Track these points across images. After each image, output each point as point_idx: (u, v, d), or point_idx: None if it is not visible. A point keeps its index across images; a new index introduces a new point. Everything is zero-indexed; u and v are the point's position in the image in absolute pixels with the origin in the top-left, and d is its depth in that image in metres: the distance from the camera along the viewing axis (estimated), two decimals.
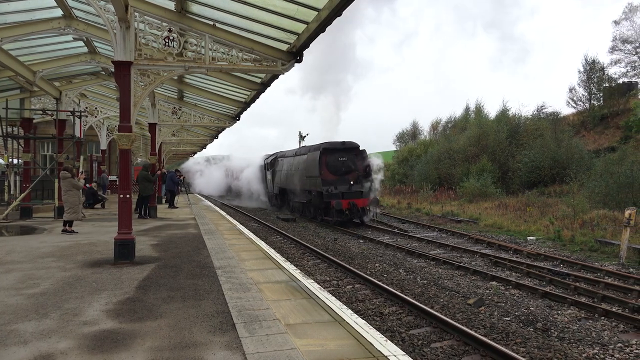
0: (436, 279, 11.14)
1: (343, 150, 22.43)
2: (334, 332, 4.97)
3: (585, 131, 36.24)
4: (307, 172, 23.10)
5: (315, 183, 22.07)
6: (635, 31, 38.10)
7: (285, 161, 28.47)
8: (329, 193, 21.00)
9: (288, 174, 27.15)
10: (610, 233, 15.72)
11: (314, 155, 22.49)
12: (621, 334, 7.47)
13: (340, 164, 22.16)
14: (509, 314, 8.53)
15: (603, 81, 38.81)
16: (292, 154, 27.63)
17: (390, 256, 14.11)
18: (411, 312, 8.43)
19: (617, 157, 24.19)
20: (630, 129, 31.00)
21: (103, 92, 19.84)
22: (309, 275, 10.61)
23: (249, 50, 9.43)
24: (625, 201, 19.43)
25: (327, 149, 22.25)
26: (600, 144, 32.55)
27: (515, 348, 6.77)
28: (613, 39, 40.04)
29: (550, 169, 29.29)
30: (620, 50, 39.33)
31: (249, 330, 4.89)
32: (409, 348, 6.78)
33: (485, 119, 38.98)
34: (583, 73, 39.14)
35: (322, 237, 18.35)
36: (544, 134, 32.21)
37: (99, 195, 21.07)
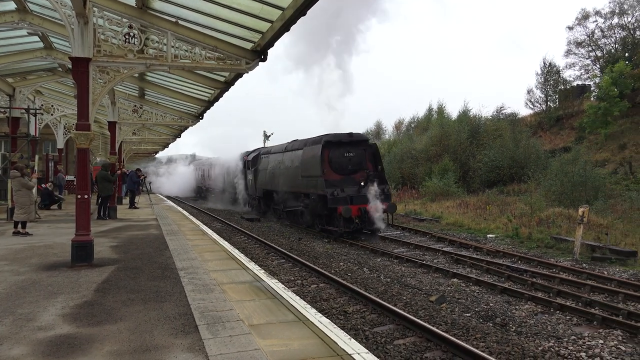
0: (399, 277, 11.29)
1: (350, 144, 18.08)
2: (298, 331, 4.98)
3: (542, 132, 37.47)
4: (304, 170, 18.82)
5: (315, 184, 17.66)
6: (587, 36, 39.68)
7: (272, 158, 23.86)
8: (335, 197, 16.56)
9: (275, 174, 22.79)
10: (565, 230, 16.32)
11: (314, 150, 18.11)
12: (575, 327, 7.77)
13: (346, 161, 17.91)
14: (470, 310, 8.73)
15: (559, 84, 40.23)
16: (280, 150, 23.09)
17: (354, 255, 14.22)
18: (375, 310, 8.52)
19: (571, 157, 25.13)
20: (584, 130, 32.26)
21: (60, 89, 19.18)
22: (273, 275, 10.58)
23: (212, 49, 9.31)
24: (579, 199, 20.21)
25: (330, 142, 17.80)
26: (556, 144, 33.73)
27: (475, 343, 6.94)
28: (568, 43, 41.59)
29: (509, 169, 30.13)
30: (574, 54, 40.91)
31: (212, 331, 4.84)
32: (373, 346, 6.85)
33: (447, 120, 39.76)
34: (541, 75, 40.48)
35: (287, 237, 18.32)
36: (503, 135, 33.11)
37: (55, 195, 20.37)
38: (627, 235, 15.23)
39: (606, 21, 38.36)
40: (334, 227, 17.13)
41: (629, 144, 28.43)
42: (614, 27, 38.09)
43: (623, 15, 37.36)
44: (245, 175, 28.64)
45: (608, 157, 28.45)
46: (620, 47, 37.79)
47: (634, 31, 36.81)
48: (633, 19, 37.00)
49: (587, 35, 39.71)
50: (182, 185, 46.59)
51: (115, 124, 17.76)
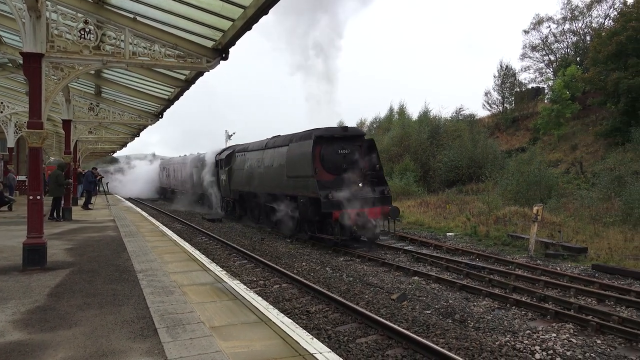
0: (362, 276, 11.39)
1: (344, 140, 15.94)
2: (260, 332, 4.95)
3: (499, 132, 38.58)
4: (290, 170, 16.56)
5: (304, 186, 15.45)
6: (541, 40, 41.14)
7: (249, 157, 21.34)
8: (330, 200, 14.42)
9: (253, 174, 20.30)
10: (521, 228, 16.85)
11: (303, 147, 15.90)
12: (529, 322, 8.03)
13: (340, 159, 15.73)
14: (430, 307, 8.90)
15: (515, 86, 41.54)
16: (259, 147, 20.47)
17: (317, 255, 14.25)
18: (337, 309, 8.56)
19: (526, 157, 25.98)
20: (538, 131, 33.42)
21: (10, 85, 18.39)
22: (235, 276, 10.47)
23: (172, 46, 9.13)
24: (534, 198, 20.91)
25: (322, 138, 15.61)
26: (512, 145, 34.79)
27: (435, 339, 7.07)
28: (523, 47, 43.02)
29: (467, 168, 30.87)
30: (529, 57, 42.34)
31: (172, 334, 4.74)
32: (335, 345, 6.88)
33: (408, 120, 40.40)
34: (498, 78, 41.69)
35: (249, 237, 18.17)
36: (462, 135, 33.91)
37: (5, 196, 19.51)
38: (578, 232, 15.87)
39: (559, 26, 39.91)
40: (327, 235, 15.02)
41: (580, 144, 29.63)
42: (566, 32, 39.68)
43: (574, 21, 38.94)
44: (218, 176, 25.88)
45: (561, 157, 29.57)
46: (572, 51, 39.36)
47: (584, 36, 38.42)
48: (583, 25, 38.63)
49: (541, 40, 41.21)
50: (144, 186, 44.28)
51: (70, 122, 17.16)
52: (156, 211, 29.67)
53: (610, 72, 26.06)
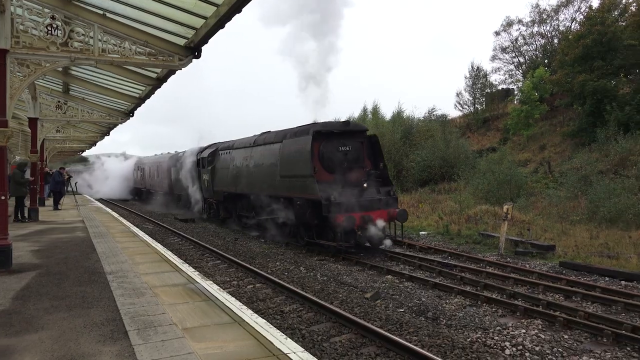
0: (335, 275, 11.42)
1: (345, 135, 14.56)
2: (234, 333, 4.91)
3: (470, 133, 39.23)
4: (284, 169, 15.07)
5: (302, 186, 13.99)
6: (511, 42, 42.00)
7: (235, 155, 19.57)
8: (332, 202, 12.96)
9: (241, 173, 18.54)
10: (491, 226, 17.17)
11: (300, 144, 14.41)
12: (500, 318, 8.19)
13: (341, 157, 14.32)
14: (403, 305, 8.98)
15: (485, 87, 42.30)
16: (247, 144, 18.69)
17: (290, 254, 14.22)
18: (311, 309, 8.57)
19: (497, 157, 26.49)
20: (508, 132, 34.11)
21: None
22: (208, 277, 10.37)
23: (143, 44, 8.98)
24: (504, 197, 21.34)
25: (321, 133, 14.17)
26: (483, 145, 35.42)
27: (409, 337, 7.14)
28: (494, 49, 43.86)
29: (440, 168, 31.28)
30: (499, 59, 43.17)
31: (143, 337, 4.66)
32: (309, 344, 6.88)
33: (382, 120, 40.69)
34: (469, 79, 42.38)
35: (222, 238, 18.02)
36: (435, 135, 34.33)
37: None
38: (546, 230, 16.26)
39: (528, 29, 40.79)
40: (328, 242, 13.59)
41: (548, 145, 30.36)
42: (535, 35, 40.59)
43: (542, 24, 39.88)
44: (200, 176, 23.78)
45: (529, 157, 30.23)
46: (541, 54, 40.29)
47: (552, 39, 39.38)
48: (551, 28, 39.60)
49: (511, 42, 42.05)
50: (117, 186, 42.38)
51: (37, 120, 16.71)
52: (127, 212, 29.13)
53: (577, 74, 26.77)
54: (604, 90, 25.09)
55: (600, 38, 25.90)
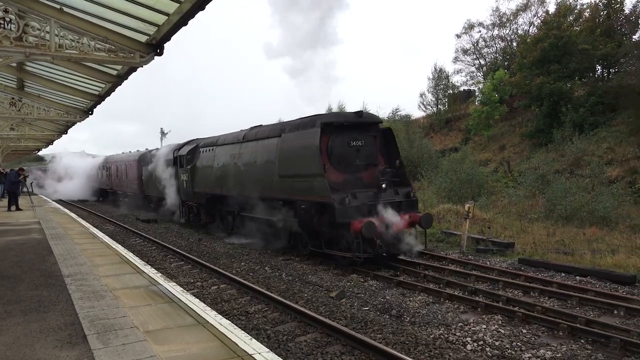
0: (301, 275, 11.42)
1: (357, 128, 12.71)
2: (198, 335, 4.84)
3: (433, 133, 39.94)
4: (285, 167, 13.09)
5: (308, 187, 12.07)
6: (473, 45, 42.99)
7: (220, 152, 17.51)
8: (346, 206, 11.30)
9: (227, 173, 16.51)
10: (454, 225, 17.53)
11: (305, 138, 12.49)
12: (461, 314, 8.37)
13: (353, 153, 12.47)
14: (368, 303, 9.06)
15: (448, 88, 43.17)
16: (234, 140, 16.64)
17: (256, 255, 14.12)
18: (277, 309, 8.54)
19: (459, 156, 27.07)
20: (469, 132, 34.92)
21: None
22: (172, 278, 10.19)
23: (102, 40, 8.72)
24: (466, 196, 21.83)
25: (330, 125, 12.29)
26: (446, 145, 36.13)
27: (373, 335, 7.21)
28: (456, 51, 44.82)
29: None
30: (461, 61, 44.12)
31: (103, 341, 4.54)
32: (275, 344, 6.85)
33: None
34: (432, 80, 43.16)
35: (186, 238, 17.73)
36: (399, 135, 34.75)
37: None
38: (506, 228, 16.72)
39: (488, 32, 41.84)
40: (340, 252, 11.77)
41: (508, 145, 31.23)
42: (495, 38, 41.67)
43: (502, 28, 40.98)
44: (177, 175, 21.43)
45: (490, 157, 31.04)
46: (500, 56, 41.39)
47: (511, 42, 40.52)
48: (510, 31, 40.73)
49: (473, 44, 43.03)
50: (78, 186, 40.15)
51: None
52: (87, 213, 28.29)
53: (535, 77, 27.65)
54: (560, 93, 26.02)
55: (556, 42, 26.82)
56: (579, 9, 31.18)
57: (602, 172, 19.91)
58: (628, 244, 12.97)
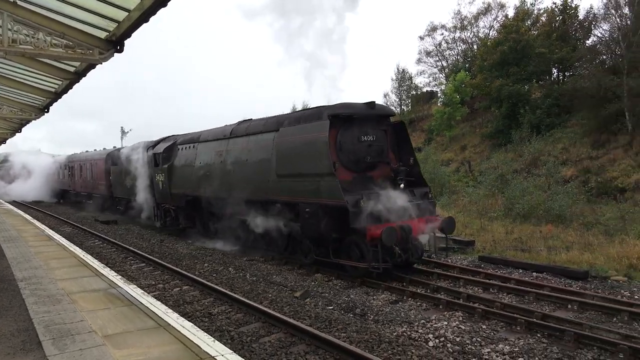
0: (265, 275, 11.36)
1: (368, 121, 11.52)
2: (159, 338, 4.75)
3: None
4: (284, 165, 11.84)
5: (314, 188, 10.83)
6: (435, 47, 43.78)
7: (202, 149, 16.02)
8: (361, 210, 10.13)
9: (212, 172, 14.99)
10: None
11: (311, 131, 11.17)
12: (424, 312, 8.51)
13: (364, 149, 11.26)
14: (332, 302, 9.11)
15: (411, 89, 43.83)
16: (221, 135, 15.11)
17: (219, 255, 13.97)
18: (241, 310, 8.48)
19: (422, 156, 27.48)
20: (432, 132, 35.54)
21: None
22: (132, 281, 9.96)
23: (59, 35, 8.44)
24: None
25: (338, 118, 11.06)
26: None
27: (337, 334, 7.25)
28: (419, 52, 45.54)
29: None
30: (424, 62, 44.86)
31: (59, 346, 4.40)
32: (238, 345, 6.80)
33: None
34: (395, 81, 43.72)
35: (147, 240, 17.38)
36: None
37: None
38: (467, 226, 17.11)
39: (450, 34, 42.69)
40: (354, 262, 10.47)
41: (469, 145, 31.95)
42: (457, 40, 42.57)
43: (464, 30, 41.89)
44: (152, 175, 19.53)
45: (452, 157, 31.67)
46: (462, 58, 42.31)
47: (472, 45, 41.48)
48: (471, 34, 41.69)
49: (435, 46, 43.82)
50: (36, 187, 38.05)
51: None
52: (42, 214, 27.32)
53: (494, 79, 28.39)
54: (518, 95, 26.80)
55: (515, 46, 27.62)
56: (537, 14, 32.25)
57: (558, 171, 20.64)
58: (581, 241, 13.48)
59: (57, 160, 39.04)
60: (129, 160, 22.16)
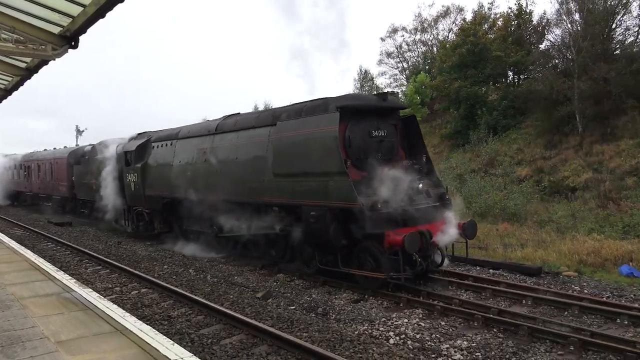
0: (226, 276, 11.25)
1: (378, 115, 10.52)
2: (115, 342, 4.63)
3: None
4: (283, 164, 10.68)
5: (323, 189, 9.69)
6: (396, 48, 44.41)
7: (183, 147, 14.63)
8: (378, 213, 9.09)
9: (195, 172, 13.67)
10: None
11: (317, 125, 10.03)
12: (385, 311, 8.62)
13: (375, 146, 10.26)
14: (294, 302, 9.10)
15: (373, 90, 44.25)
16: (205, 131, 13.80)
17: (179, 257, 13.73)
18: (201, 312, 8.36)
19: None
20: None
21: None
22: (87, 284, 9.66)
23: (9, 29, 8.08)
24: None
25: (347, 110, 9.90)
26: None
27: (299, 334, 7.25)
28: (380, 54, 46.05)
29: None
30: (385, 63, 45.43)
31: (8, 354, 4.22)
32: (199, 348, 6.71)
33: None
34: (357, 81, 44.09)
35: (104, 242, 16.89)
36: None
37: None
38: None
39: (411, 36, 43.39)
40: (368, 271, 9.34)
41: (429, 145, 32.45)
42: (417, 42, 43.30)
43: (424, 33, 42.66)
44: (122, 176, 17.81)
45: None
46: (422, 60, 43.07)
47: (432, 47, 42.29)
48: (431, 37, 42.51)
49: (396, 48, 44.44)
50: None
51: None
52: None
53: (453, 81, 29.02)
54: (476, 96, 27.49)
55: (473, 48, 28.31)
56: (493, 18, 33.14)
57: (513, 171, 21.31)
58: (535, 238, 13.95)
59: (11, 159, 36.40)
60: (95, 158, 20.31)
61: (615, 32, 22.91)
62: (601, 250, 11.61)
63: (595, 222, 15.34)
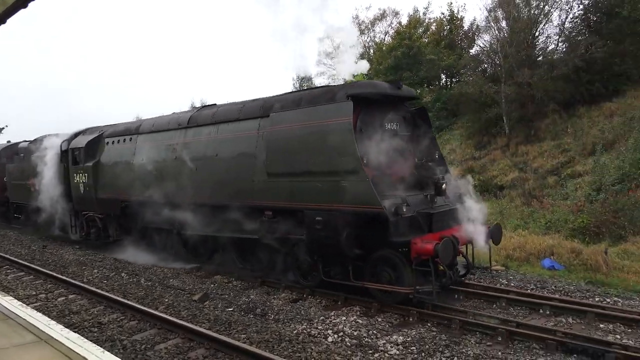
0: (162, 279, 10.91)
1: (390, 105, 9.37)
2: (39, 353, 4.37)
3: None
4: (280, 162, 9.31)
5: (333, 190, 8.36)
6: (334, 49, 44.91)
7: (146, 142, 12.94)
8: (402, 217, 7.94)
9: (161, 171, 12.08)
10: None
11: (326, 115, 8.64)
12: (323, 309, 8.67)
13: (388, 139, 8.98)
14: (232, 304, 8.98)
15: None
16: (175, 125, 12.14)
17: (110, 260, 13.16)
18: (134, 317, 8.07)
19: None
20: None
21: None
22: (8, 292, 9.07)
23: None
24: None
25: (360, 99, 8.61)
26: None
27: (237, 335, 7.16)
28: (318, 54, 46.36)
29: None
30: (324, 64, 45.81)
31: None
32: (132, 355, 6.46)
33: None
34: (297, 81, 44.16)
35: (27, 246, 15.89)
36: None
37: None
38: None
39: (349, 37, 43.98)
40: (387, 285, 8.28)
41: None
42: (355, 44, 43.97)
43: (361, 35, 43.40)
44: (68, 176, 15.78)
45: None
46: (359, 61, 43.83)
47: (369, 49, 43.13)
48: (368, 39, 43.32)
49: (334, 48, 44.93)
50: None
51: None
52: None
53: None
54: None
55: (407, 51, 29.19)
56: (427, 22, 34.31)
57: None
58: None
59: None
60: (34, 156, 17.79)
61: (538, 39, 24.39)
62: (526, 245, 12.28)
63: (521, 218, 16.23)
